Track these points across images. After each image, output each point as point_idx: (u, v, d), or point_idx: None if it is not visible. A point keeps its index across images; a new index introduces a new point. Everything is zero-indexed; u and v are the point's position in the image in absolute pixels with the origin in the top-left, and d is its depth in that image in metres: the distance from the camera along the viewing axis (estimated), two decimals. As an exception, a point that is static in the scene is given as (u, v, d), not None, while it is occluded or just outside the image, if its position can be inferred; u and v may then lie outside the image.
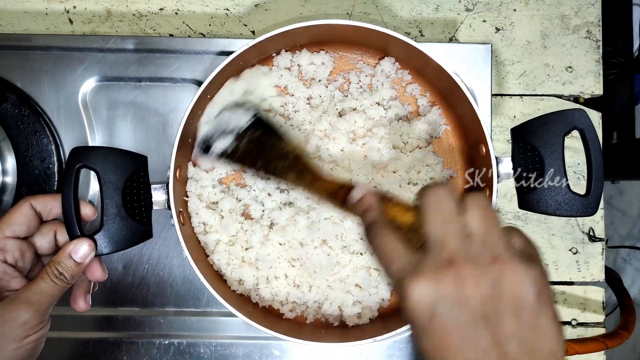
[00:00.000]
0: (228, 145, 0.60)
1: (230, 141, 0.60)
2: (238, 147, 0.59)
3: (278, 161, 0.58)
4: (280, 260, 0.64)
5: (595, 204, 0.56)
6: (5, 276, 0.50)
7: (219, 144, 0.60)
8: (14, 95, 0.68)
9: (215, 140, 0.60)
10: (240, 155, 0.59)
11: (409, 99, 0.67)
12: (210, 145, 0.61)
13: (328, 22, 0.60)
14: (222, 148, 0.60)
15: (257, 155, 0.59)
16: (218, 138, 0.60)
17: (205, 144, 0.61)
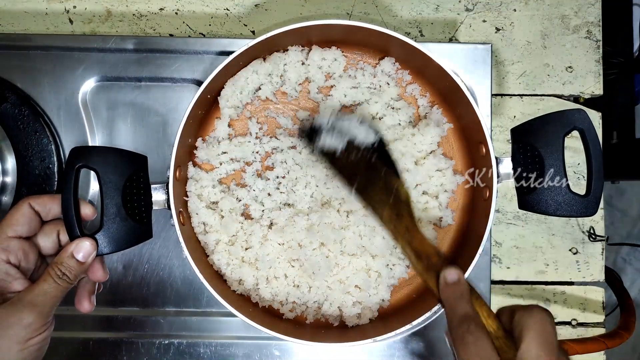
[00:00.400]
0: (338, 147, 0.58)
1: (341, 144, 0.58)
2: (347, 155, 0.57)
3: (380, 192, 0.56)
4: (280, 260, 0.64)
5: (595, 204, 0.56)
6: (8, 277, 0.50)
7: (328, 139, 0.58)
8: (14, 95, 0.68)
9: (323, 135, 0.58)
10: (344, 164, 0.58)
11: (409, 99, 0.67)
12: (318, 132, 0.59)
13: (327, 22, 0.60)
14: (330, 145, 0.58)
15: (361, 175, 0.57)
16: (330, 133, 0.58)
17: (315, 130, 0.59)
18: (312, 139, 0.60)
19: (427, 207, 0.65)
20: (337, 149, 0.58)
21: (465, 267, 0.58)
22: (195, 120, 0.63)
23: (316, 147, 0.59)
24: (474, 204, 0.65)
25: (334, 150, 0.58)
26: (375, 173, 0.57)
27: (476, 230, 0.61)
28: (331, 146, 0.58)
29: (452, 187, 0.65)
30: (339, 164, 0.58)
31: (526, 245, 0.75)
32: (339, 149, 0.58)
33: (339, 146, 0.58)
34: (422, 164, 0.65)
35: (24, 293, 0.49)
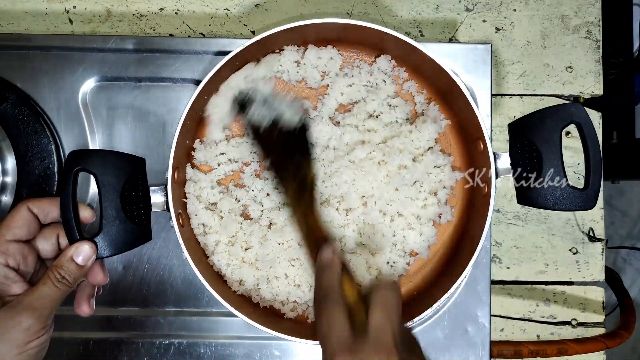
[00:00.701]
0: (263, 120, 0.61)
1: (266, 117, 0.60)
2: (270, 130, 0.60)
3: (290, 171, 0.59)
4: (280, 260, 0.64)
5: (594, 197, 0.56)
6: (7, 280, 0.50)
7: (256, 111, 0.61)
8: (14, 95, 0.68)
9: (254, 106, 0.61)
10: (265, 138, 0.61)
11: (406, 96, 0.67)
12: (246, 105, 0.61)
13: (324, 20, 0.60)
14: (257, 119, 0.61)
15: (278, 151, 0.60)
16: (258, 105, 0.61)
17: (243, 101, 0.62)
18: (244, 109, 0.62)
19: (426, 203, 0.65)
20: (263, 122, 0.61)
21: (465, 263, 0.58)
22: (193, 121, 0.63)
23: (244, 117, 0.62)
24: (473, 200, 0.65)
25: (259, 123, 0.61)
26: (289, 151, 0.60)
27: (476, 226, 0.61)
28: (258, 119, 0.61)
29: (451, 184, 0.65)
30: (263, 140, 0.61)
31: (526, 245, 0.75)
32: (263, 124, 0.61)
33: (264, 120, 0.61)
34: (420, 160, 0.65)
35: (23, 296, 0.49)
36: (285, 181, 0.60)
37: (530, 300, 0.76)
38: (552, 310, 0.76)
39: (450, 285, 0.59)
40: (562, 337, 0.75)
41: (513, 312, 0.76)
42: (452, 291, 0.59)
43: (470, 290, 0.69)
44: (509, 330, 0.76)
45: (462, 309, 0.69)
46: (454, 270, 0.61)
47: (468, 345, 0.69)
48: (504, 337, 0.75)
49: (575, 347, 0.70)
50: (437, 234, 0.66)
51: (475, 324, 0.69)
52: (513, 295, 0.76)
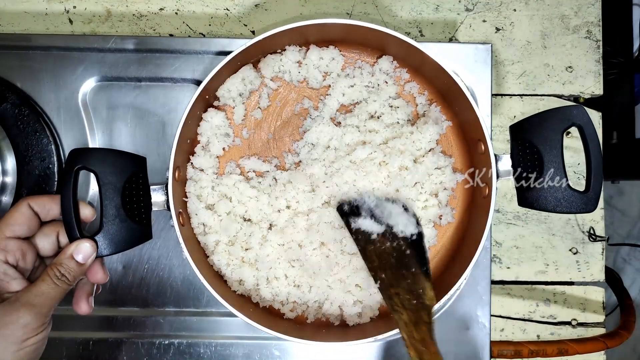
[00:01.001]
0: (371, 232, 0.57)
1: (375, 228, 0.57)
2: (380, 242, 0.56)
3: (404, 293, 0.54)
4: (280, 260, 0.64)
5: (595, 200, 0.56)
6: (6, 277, 0.50)
7: (367, 222, 0.57)
8: (14, 95, 0.68)
9: (366, 215, 0.57)
10: (376, 251, 0.56)
11: (407, 97, 0.67)
12: (348, 210, 0.57)
13: (325, 21, 0.60)
14: (367, 228, 0.57)
15: (389, 268, 0.55)
16: (369, 214, 0.57)
17: (345, 206, 0.58)
18: (349, 217, 0.58)
19: (427, 205, 0.65)
20: (373, 233, 0.57)
21: (466, 264, 0.58)
22: (194, 121, 0.63)
23: (352, 227, 0.58)
24: (474, 202, 0.65)
25: (369, 233, 0.57)
26: (404, 269, 0.55)
27: (476, 228, 0.61)
28: (368, 229, 0.57)
29: (452, 185, 0.65)
30: (372, 251, 0.56)
31: (526, 245, 0.75)
32: (374, 233, 0.57)
33: (375, 230, 0.57)
34: (422, 162, 0.65)
35: (21, 293, 0.49)
36: (400, 304, 0.53)
37: (530, 300, 0.76)
38: (552, 310, 0.76)
39: (450, 285, 0.59)
40: (562, 337, 0.75)
41: (513, 312, 0.76)
42: (452, 291, 0.59)
43: (470, 290, 0.69)
44: (509, 330, 0.76)
45: (462, 309, 0.69)
46: (455, 271, 0.61)
47: (468, 345, 0.69)
48: (504, 337, 0.75)
49: (575, 347, 0.70)
50: (437, 235, 0.66)
51: (475, 324, 0.69)
52: (513, 295, 0.76)
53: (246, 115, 0.67)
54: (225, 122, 0.65)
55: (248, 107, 0.67)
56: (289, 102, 0.67)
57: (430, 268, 0.57)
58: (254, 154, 0.66)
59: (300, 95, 0.67)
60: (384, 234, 0.56)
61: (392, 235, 0.56)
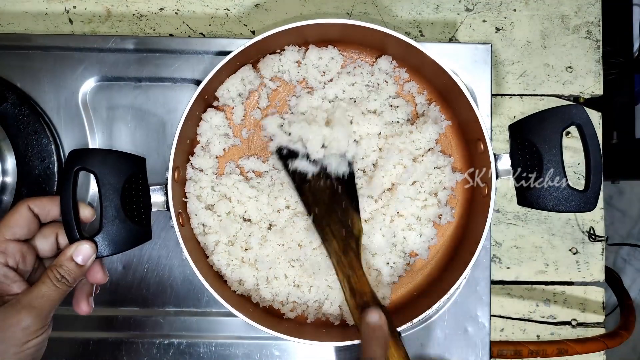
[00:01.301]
0: (307, 171, 0.62)
1: (310, 168, 0.62)
2: (316, 181, 0.61)
3: (335, 224, 0.60)
4: (280, 260, 0.64)
5: (595, 199, 0.56)
6: (6, 280, 0.49)
7: (303, 163, 0.62)
8: (14, 95, 0.68)
9: (295, 155, 0.62)
10: (311, 189, 0.61)
11: (407, 96, 0.67)
12: (286, 154, 0.62)
13: (324, 21, 0.60)
14: (303, 169, 0.62)
15: (323, 201, 0.61)
16: (305, 157, 0.62)
17: (284, 151, 0.63)
18: (286, 159, 0.63)
19: (426, 204, 0.65)
20: (309, 173, 0.62)
21: (465, 264, 0.58)
22: (194, 121, 0.63)
23: (289, 168, 0.62)
24: (474, 201, 0.65)
25: (305, 173, 0.62)
26: (336, 204, 0.61)
27: (476, 227, 0.61)
28: (304, 169, 0.62)
29: (451, 185, 0.65)
30: (306, 188, 0.62)
31: (526, 245, 0.75)
32: (309, 173, 0.62)
33: (310, 171, 0.62)
34: (421, 161, 0.65)
35: (22, 295, 0.49)
36: (329, 234, 0.60)
37: (530, 301, 0.76)
38: (552, 311, 0.76)
39: (450, 285, 0.59)
40: (562, 337, 0.75)
41: (513, 312, 0.76)
42: (452, 291, 0.59)
43: (470, 290, 0.69)
44: (509, 330, 0.76)
45: (462, 309, 0.69)
46: (454, 270, 0.61)
47: (468, 345, 0.69)
48: (504, 337, 0.75)
49: (575, 347, 0.70)
50: (437, 235, 0.66)
51: (475, 324, 0.69)
52: (513, 295, 0.76)
53: (245, 116, 0.67)
54: (224, 122, 0.65)
55: (247, 107, 0.67)
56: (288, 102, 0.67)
57: (359, 204, 0.62)
58: (253, 154, 0.66)
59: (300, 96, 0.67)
60: (319, 173, 0.62)
61: (325, 175, 0.61)
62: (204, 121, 0.64)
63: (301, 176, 0.62)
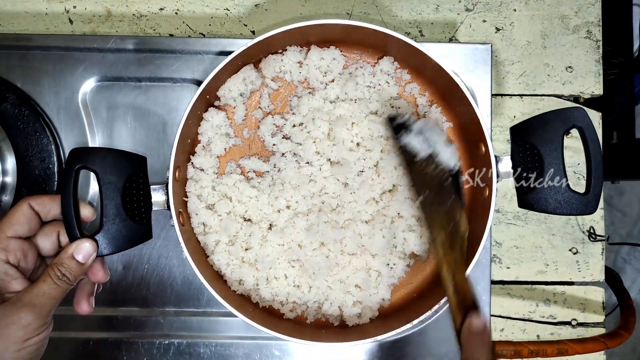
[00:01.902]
0: (421, 152, 0.58)
1: (424, 152, 0.58)
2: (426, 165, 0.58)
3: (442, 216, 0.56)
4: (280, 261, 0.64)
5: (595, 202, 0.56)
6: (7, 277, 0.49)
7: (415, 141, 0.59)
8: (14, 95, 0.68)
9: (416, 135, 0.59)
10: (419, 172, 0.58)
11: (408, 98, 0.67)
12: (407, 129, 0.59)
13: (326, 21, 0.60)
14: (415, 147, 0.58)
15: (432, 190, 0.57)
16: (415, 134, 0.58)
17: (399, 124, 0.60)
18: (398, 132, 0.60)
19: None
20: (419, 154, 0.58)
21: (466, 264, 0.58)
22: (195, 121, 0.63)
23: (400, 141, 0.59)
24: (474, 203, 0.65)
25: (415, 153, 0.58)
26: (445, 195, 0.57)
27: (476, 229, 0.61)
28: (415, 148, 0.58)
29: None
30: (414, 169, 0.58)
31: (526, 245, 0.75)
32: (420, 154, 0.58)
33: (421, 152, 0.58)
34: None
35: (22, 293, 0.49)
36: (436, 224, 0.56)
37: (530, 301, 0.76)
38: (552, 310, 0.76)
39: (450, 285, 0.59)
40: (562, 337, 0.75)
41: (513, 312, 0.76)
42: (452, 291, 0.59)
43: (471, 290, 0.69)
44: (509, 330, 0.76)
45: (462, 309, 0.69)
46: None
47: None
48: (504, 337, 0.75)
49: (575, 347, 0.70)
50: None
51: (475, 324, 0.69)
52: (513, 295, 0.76)
53: (247, 115, 0.67)
54: (226, 122, 0.65)
55: (249, 107, 0.67)
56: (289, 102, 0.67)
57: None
58: (254, 154, 0.66)
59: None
60: (428, 158, 0.58)
61: (435, 163, 0.58)
62: (205, 120, 0.64)
63: (410, 155, 0.59)
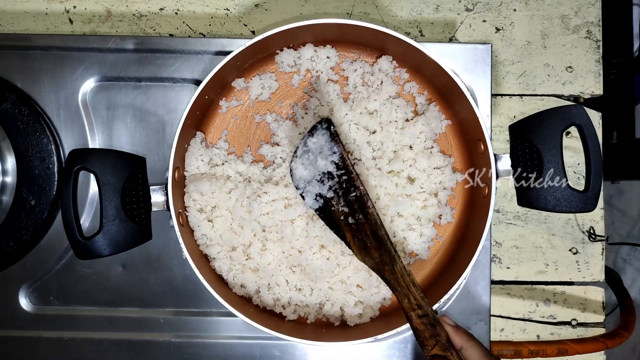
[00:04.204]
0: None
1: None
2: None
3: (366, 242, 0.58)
4: (281, 267, 0.63)
5: (595, 199, 0.56)
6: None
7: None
8: (14, 95, 0.68)
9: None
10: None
11: (407, 96, 0.67)
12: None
13: (326, 21, 0.60)
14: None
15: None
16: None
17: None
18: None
19: (427, 204, 0.65)
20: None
21: (466, 264, 0.58)
22: (194, 121, 0.63)
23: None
24: (474, 201, 0.65)
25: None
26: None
27: (476, 227, 0.61)
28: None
29: (451, 185, 0.65)
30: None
31: (526, 245, 0.75)
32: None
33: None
34: (421, 161, 0.65)
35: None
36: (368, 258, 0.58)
37: (530, 300, 0.76)
38: (552, 310, 0.76)
39: (450, 285, 0.59)
40: (562, 337, 0.75)
41: (513, 312, 0.76)
42: (452, 292, 0.59)
43: (470, 290, 0.69)
44: (509, 330, 0.76)
45: (462, 309, 0.69)
46: (455, 271, 0.61)
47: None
48: (504, 337, 0.75)
49: (575, 347, 0.70)
50: (437, 235, 0.66)
51: (475, 324, 0.69)
52: (513, 295, 0.76)
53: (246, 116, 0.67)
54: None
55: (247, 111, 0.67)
56: (290, 103, 0.67)
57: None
58: (253, 162, 0.66)
59: (300, 96, 0.67)
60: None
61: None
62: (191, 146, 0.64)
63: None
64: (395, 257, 0.58)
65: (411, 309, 0.56)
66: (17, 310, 0.68)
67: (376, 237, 0.58)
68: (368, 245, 0.58)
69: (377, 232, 0.58)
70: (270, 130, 0.67)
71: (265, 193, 0.63)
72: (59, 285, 0.69)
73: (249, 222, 0.62)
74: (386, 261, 0.58)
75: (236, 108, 0.67)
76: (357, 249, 0.59)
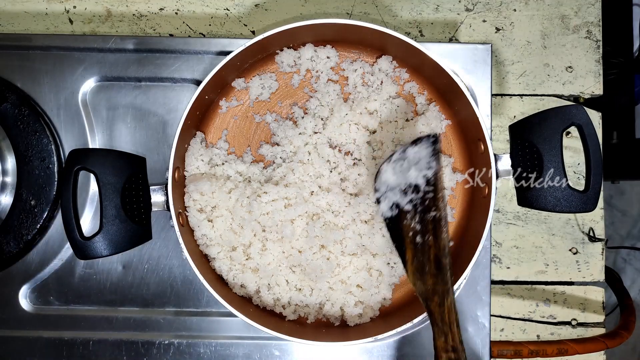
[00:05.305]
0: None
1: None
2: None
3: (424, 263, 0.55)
4: (281, 267, 0.63)
5: (595, 199, 0.56)
6: None
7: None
8: (14, 95, 0.68)
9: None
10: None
11: (407, 96, 0.67)
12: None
13: (326, 21, 0.60)
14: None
15: None
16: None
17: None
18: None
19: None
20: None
21: (466, 264, 0.58)
22: (194, 121, 0.63)
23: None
24: (474, 201, 0.65)
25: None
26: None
27: (476, 227, 0.61)
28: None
29: (452, 185, 0.65)
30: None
31: (526, 245, 0.75)
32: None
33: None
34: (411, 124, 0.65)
35: None
36: (414, 266, 0.55)
37: (530, 300, 0.76)
38: (552, 310, 0.76)
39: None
40: (562, 337, 0.75)
41: (513, 312, 0.76)
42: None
43: (470, 290, 0.69)
44: (509, 330, 0.76)
45: (462, 309, 0.69)
46: (454, 271, 0.61)
47: (468, 345, 0.69)
48: (504, 337, 0.75)
49: (575, 347, 0.70)
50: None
51: (475, 324, 0.69)
52: (513, 295, 0.76)
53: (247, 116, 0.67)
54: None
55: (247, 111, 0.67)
56: (290, 103, 0.67)
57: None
58: (253, 162, 0.66)
59: (300, 96, 0.67)
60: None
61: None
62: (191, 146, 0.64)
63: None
64: (450, 291, 0.54)
65: (445, 350, 0.52)
66: (17, 310, 0.68)
67: (438, 264, 0.54)
68: (426, 269, 0.55)
69: (441, 259, 0.54)
70: (270, 130, 0.67)
71: (265, 193, 0.62)
72: (59, 285, 0.69)
73: (249, 222, 0.62)
74: (438, 291, 0.54)
75: (236, 108, 0.67)
76: (412, 270, 0.56)
